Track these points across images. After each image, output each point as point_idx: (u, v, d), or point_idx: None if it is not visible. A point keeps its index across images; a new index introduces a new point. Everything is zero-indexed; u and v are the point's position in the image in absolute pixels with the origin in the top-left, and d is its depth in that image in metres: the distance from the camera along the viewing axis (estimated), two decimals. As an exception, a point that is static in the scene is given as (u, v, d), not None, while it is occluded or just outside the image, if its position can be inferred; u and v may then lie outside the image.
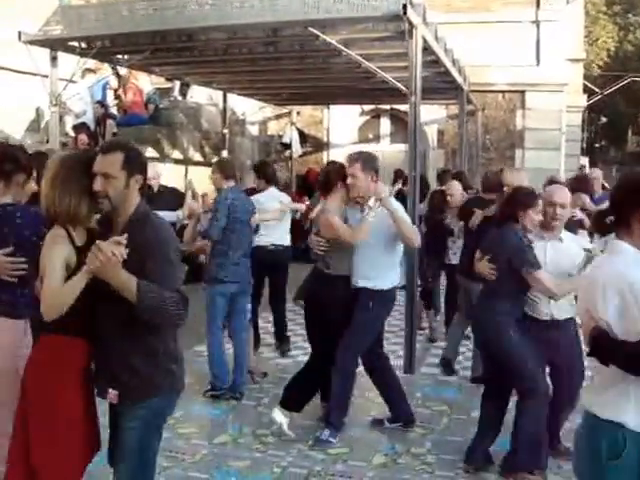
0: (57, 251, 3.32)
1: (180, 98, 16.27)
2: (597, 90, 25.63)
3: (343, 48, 8.61)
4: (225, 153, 14.67)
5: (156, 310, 3.24)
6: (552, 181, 9.58)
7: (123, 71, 13.94)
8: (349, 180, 5.72)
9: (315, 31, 8.14)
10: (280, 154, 17.87)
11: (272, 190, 8.52)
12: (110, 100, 14.82)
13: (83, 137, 12.03)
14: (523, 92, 16.46)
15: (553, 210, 5.06)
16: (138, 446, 3.47)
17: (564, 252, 5.11)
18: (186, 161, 15.21)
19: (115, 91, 14.79)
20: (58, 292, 3.21)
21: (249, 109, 17.38)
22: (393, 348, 8.20)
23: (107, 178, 3.33)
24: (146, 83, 14.79)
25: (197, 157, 15.91)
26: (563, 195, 5.14)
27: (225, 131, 14.74)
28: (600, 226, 3.29)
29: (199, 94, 16.10)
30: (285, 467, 5.34)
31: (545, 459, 5.08)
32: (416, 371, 7.83)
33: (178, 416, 5.96)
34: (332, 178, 5.89)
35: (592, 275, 3.03)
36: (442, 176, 11.21)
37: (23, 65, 10.10)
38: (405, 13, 7.45)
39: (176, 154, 15.23)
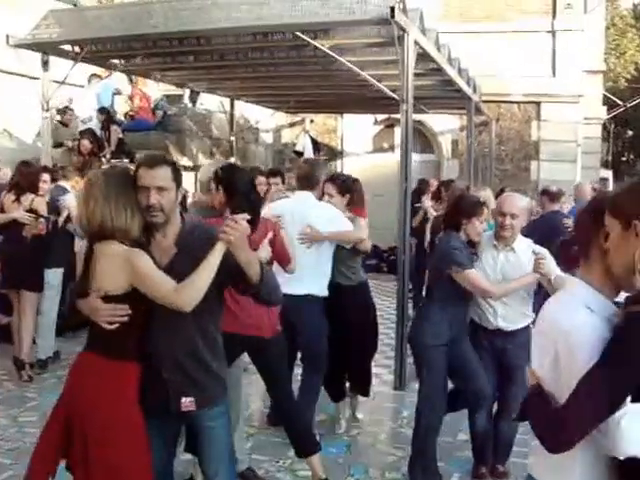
0: (146, 258, 3.32)
1: (190, 105, 16.17)
2: (620, 103, 25.09)
3: (333, 54, 8.41)
4: (233, 160, 14.49)
5: (271, 284, 3.46)
6: (545, 191, 9.31)
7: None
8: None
9: (304, 36, 7.97)
10: (294, 162, 17.66)
11: None
12: (119, 106, 14.78)
13: (85, 143, 11.96)
14: (538, 103, 16.11)
15: (503, 220, 4.89)
16: (227, 440, 3.65)
17: (516, 262, 4.96)
18: (195, 168, 15.07)
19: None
20: (193, 283, 3.22)
21: (263, 117, 17.22)
22: (387, 363, 8.03)
23: (161, 191, 3.33)
24: (154, 90, 14.74)
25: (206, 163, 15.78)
26: (513, 205, 4.93)
27: (232, 138, 14.56)
28: (567, 259, 2.74)
29: (210, 101, 15.99)
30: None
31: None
32: (407, 388, 7.49)
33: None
34: None
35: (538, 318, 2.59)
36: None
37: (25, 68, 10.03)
38: (393, 17, 7.21)
39: (185, 161, 15.10)
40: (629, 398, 2.15)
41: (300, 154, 17.02)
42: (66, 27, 9.18)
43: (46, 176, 7.97)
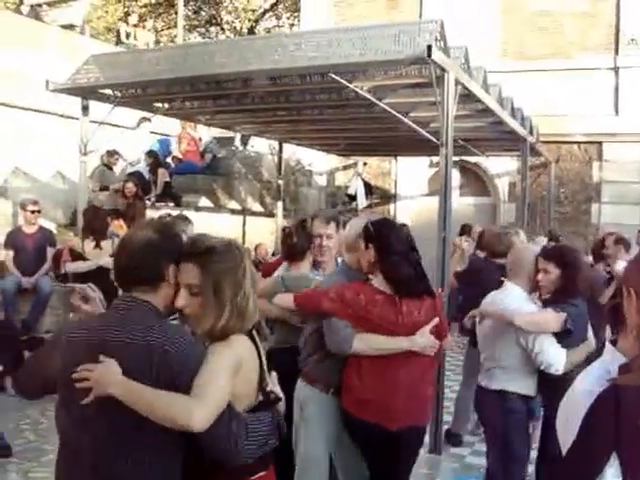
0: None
1: (241, 147, 16.12)
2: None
3: (370, 97, 8.15)
4: (280, 204, 14.31)
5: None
6: (621, 239, 8.54)
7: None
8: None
9: (339, 78, 7.72)
10: (346, 205, 17.40)
11: None
12: (175, 149, 14.81)
13: (129, 185, 11.89)
14: (600, 143, 15.49)
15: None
16: None
17: None
18: (244, 211, 14.96)
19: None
20: None
21: (316, 159, 17.06)
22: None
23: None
24: (204, 132, 14.73)
25: (256, 207, 15.66)
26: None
27: (280, 182, 14.37)
28: (612, 322, 2.45)
29: (260, 143, 15.91)
30: None
31: None
32: (443, 451, 6.91)
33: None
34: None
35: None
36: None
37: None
38: (430, 56, 6.89)
39: (233, 204, 15.01)
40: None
41: (352, 197, 16.77)
42: (107, 71, 9.15)
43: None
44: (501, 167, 16.00)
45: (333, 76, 7.63)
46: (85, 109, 9.37)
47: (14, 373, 8.54)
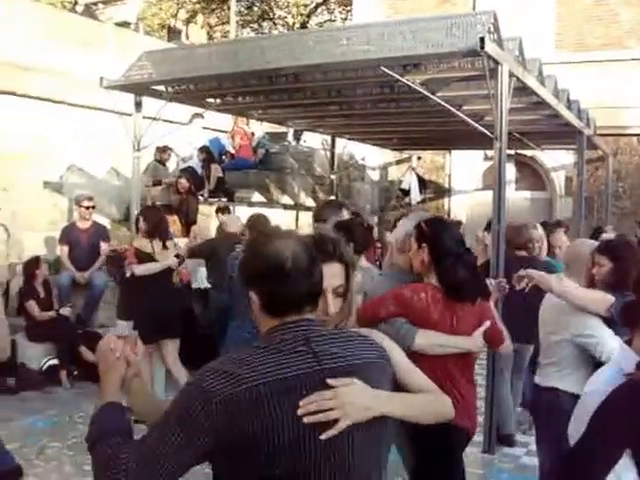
0: None
1: (293, 143, 16.11)
2: None
3: (423, 91, 8.03)
4: (333, 198, 14.26)
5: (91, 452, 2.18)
6: None
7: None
8: None
9: (391, 72, 7.63)
10: (399, 200, 17.28)
11: None
12: (228, 144, 14.87)
13: (183, 181, 11.99)
14: (661, 135, 15.15)
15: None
16: None
17: None
18: (297, 206, 14.95)
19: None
20: None
21: (369, 153, 16.97)
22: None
23: None
24: (257, 128, 14.75)
25: (309, 202, 15.64)
26: None
27: (333, 176, 14.31)
28: (627, 321, 2.39)
29: (313, 138, 15.88)
30: None
31: None
32: (497, 451, 6.79)
33: None
34: None
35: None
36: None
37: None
38: (483, 48, 6.76)
39: (285, 199, 15.02)
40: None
41: (406, 192, 16.65)
42: (159, 67, 9.19)
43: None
44: (557, 161, 15.68)
45: (385, 70, 7.54)
46: (138, 105, 9.42)
47: (69, 366, 8.70)
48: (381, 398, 2.18)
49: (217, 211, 11.14)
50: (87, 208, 9.57)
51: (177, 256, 7.39)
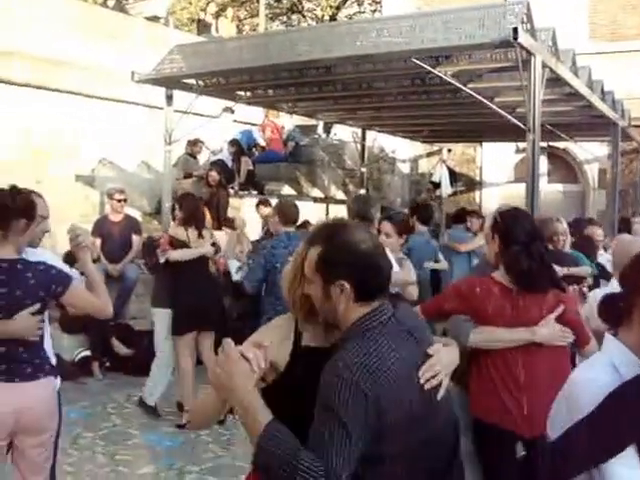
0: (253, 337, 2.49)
1: (323, 135, 16.09)
2: None
3: (455, 82, 7.98)
4: (363, 192, 14.24)
5: (278, 475, 2.09)
6: None
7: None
8: None
9: (422, 64, 7.59)
10: (430, 193, 17.20)
11: None
12: (258, 137, 14.88)
13: (213, 174, 12.00)
14: (697, 127, 14.89)
15: None
16: None
17: None
18: (327, 199, 14.94)
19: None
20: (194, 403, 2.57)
21: (399, 146, 16.90)
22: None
23: (307, 282, 2.40)
24: (287, 121, 14.74)
25: (339, 195, 15.63)
26: None
27: (363, 169, 14.28)
28: (609, 315, 2.35)
29: (343, 131, 15.84)
30: None
31: None
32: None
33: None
34: None
35: None
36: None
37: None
38: (516, 39, 6.70)
39: (316, 192, 15.02)
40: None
41: (437, 185, 16.55)
42: (190, 61, 9.22)
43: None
44: (590, 153, 15.51)
45: (416, 61, 7.51)
46: (169, 99, 9.47)
47: (101, 358, 8.77)
48: (455, 350, 2.48)
49: (258, 204, 11.07)
50: (119, 201, 9.61)
51: (213, 244, 7.38)
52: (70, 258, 4.37)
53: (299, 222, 8.21)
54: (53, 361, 3.85)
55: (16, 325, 3.50)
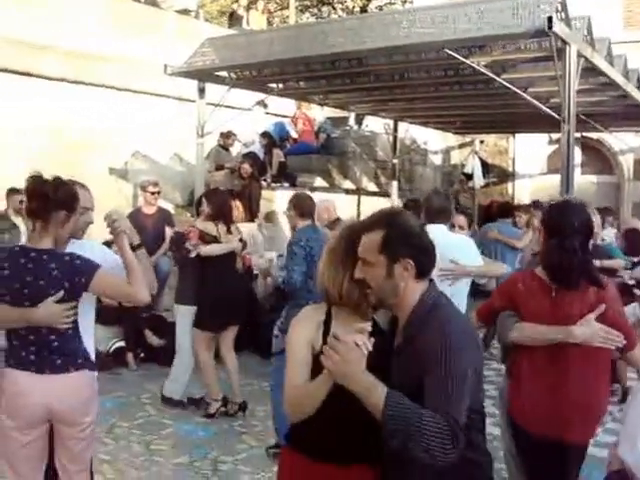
0: (297, 336, 2.76)
1: (355, 127, 16.05)
2: None
3: (488, 73, 7.92)
4: (395, 183, 14.21)
5: (408, 437, 2.34)
6: None
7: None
8: None
9: (456, 54, 7.54)
10: (463, 184, 17.12)
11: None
12: (290, 129, 14.89)
13: (245, 166, 12.05)
14: None
15: None
16: None
17: None
18: (359, 191, 14.92)
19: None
20: (295, 393, 2.66)
21: (431, 137, 16.82)
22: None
23: (365, 265, 2.63)
24: (318, 112, 14.73)
25: (371, 187, 15.61)
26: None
27: (395, 161, 14.23)
28: None
29: (375, 123, 15.80)
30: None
31: None
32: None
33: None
34: None
35: None
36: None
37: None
38: (551, 28, 6.62)
39: (347, 184, 15.00)
40: None
41: (469, 176, 16.47)
42: (222, 53, 9.25)
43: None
44: (625, 143, 15.34)
45: (449, 52, 7.46)
46: (202, 91, 9.52)
47: (135, 349, 8.85)
48: None
49: None
50: (152, 193, 9.66)
51: (240, 240, 7.39)
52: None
53: (333, 218, 8.23)
54: (92, 355, 3.78)
55: (40, 313, 3.47)
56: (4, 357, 3.64)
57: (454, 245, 5.30)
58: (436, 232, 5.28)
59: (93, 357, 3.83)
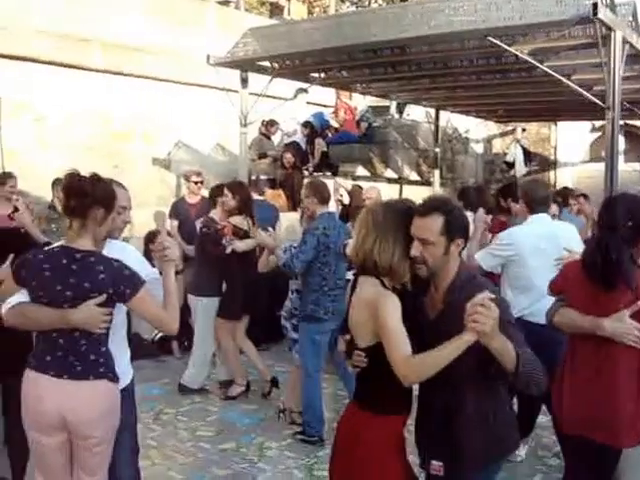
0: (394, 307, 3.03)
1: (397, 116, 16.01)
2: None
3: (532, 60, 7.85)
4: (437, 172, 14.16)
5: (531, 377, 2.87)
6: None
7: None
8: None
9: (498, 42, 7.49)
10: (504, 173, 17.00)
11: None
12: (331, 119, 14.93)
13: (288, 156, 12.12)
14: None
15: None
16: None
17: None
18: (401, 180, 14.91)
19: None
20: (423, 362, 2.90)
21: (473, 126, 16.73)
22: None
23: (425, 244, 3.04)
24: (360, 101, 14.74)
25: (413, 176, 15.58)
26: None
27: (437, 149, 14.18)
28: None
29: (416, 112, 15.75)
30: None
31: None
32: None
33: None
34: None
35: None
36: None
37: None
38: (596, 14, 6.55)
39: (389, 172, 15.00)
40: None
41: (510, 165, 16.35)
42: (264, 43, 9.29)
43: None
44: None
45: (492, 40, 7.42)
46: (244, 81, 9.57)
47: (180, 337, 8.95)
48: None
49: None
50: (196, 183, 9.74)
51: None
52: (151, 237, 4.39)
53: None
54: (117, 367, 3.60)
55: (80, 314, 3.35)
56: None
57: (563, 233, 5.40)
58: (543, 222, 5.39)
59: (127, 373, 3.83)
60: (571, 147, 16.78)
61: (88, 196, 3.43)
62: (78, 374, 3.42)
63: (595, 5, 6.50)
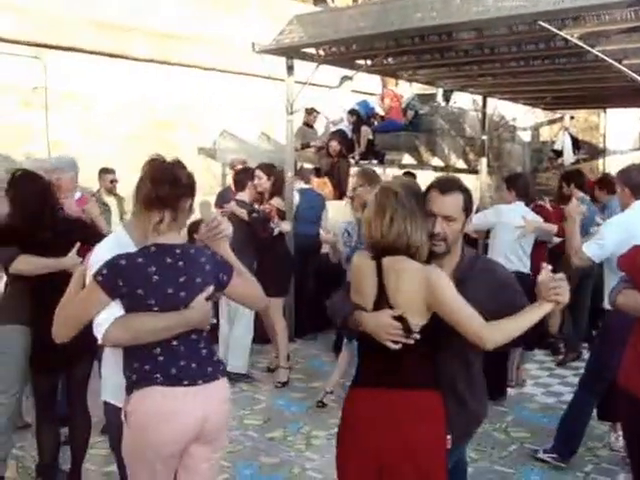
0: (450, 282, 3.05)
1: (443, 104, 15.86)
2: None
3: (583, 45, 7.68)
4: (484, 160, 13.99)
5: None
6: None
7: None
8: None
9: (549, 26, 7.34)
10: (552, 162, 16.75)
11: (519, 205, 7.38)
12: (377, 106, 14.84)
13: (334, 144, 12.09)
14: None
15: None
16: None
17: None
18: (447, 168, 14.77)
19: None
20: (505, 328, 3.00)
21: (520, 114, 16.50)
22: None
23: (448, 220, 3.17)
24: (406, 89, 14.62)
25: (460, 164, 15.44)
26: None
27: (484, 137, 14.00)
28: None
29: (463, 99, 15.59)
30: None
31: None
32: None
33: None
34: None
35: None
36: None
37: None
38: (651, -7, 6.40)
39: (436, 161, 14.88)
40: None
41: (559, 153, 16.11)
42: (310, 30, 9.23)
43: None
44: None
45: (542, 24, 7.28)
46: (290, 69, 9.50)
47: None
48: None
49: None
50: (242, 172, 9.76)
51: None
52: (195, 227, 4.31)
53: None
54: None
55: (194, 314, 3.05)
56: (135, 379, 3.06)
57: None
58: None
59: None
60: (620, 135, 16.44)
61: (182, 184, 3.11)
62: (210, 376, 3.14)
63: (648, -13, 6.35)
